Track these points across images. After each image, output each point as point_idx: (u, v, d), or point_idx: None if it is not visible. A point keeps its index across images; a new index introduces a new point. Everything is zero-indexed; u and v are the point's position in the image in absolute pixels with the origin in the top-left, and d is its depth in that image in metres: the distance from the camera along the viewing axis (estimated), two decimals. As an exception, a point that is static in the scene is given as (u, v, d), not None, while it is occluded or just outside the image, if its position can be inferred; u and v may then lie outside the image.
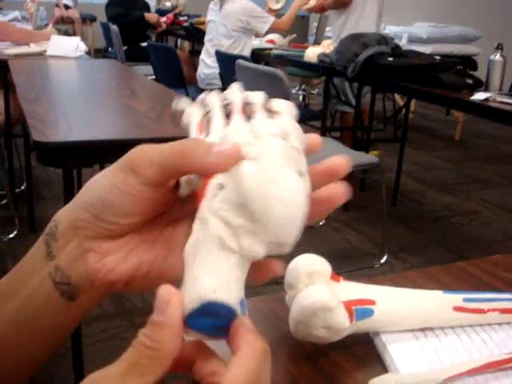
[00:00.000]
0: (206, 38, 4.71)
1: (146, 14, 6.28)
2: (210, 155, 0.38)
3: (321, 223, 3.38)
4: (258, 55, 4.65)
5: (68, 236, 0.42)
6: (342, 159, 0.41)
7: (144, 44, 5.81)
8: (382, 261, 3.05)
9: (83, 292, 0.43)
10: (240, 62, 3.16)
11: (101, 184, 0.41)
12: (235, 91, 0.44)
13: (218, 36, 4.54)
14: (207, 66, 4.63)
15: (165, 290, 0.35)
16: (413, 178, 4.54)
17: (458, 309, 0.69)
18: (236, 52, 4.41)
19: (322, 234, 3.24)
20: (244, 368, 0.34)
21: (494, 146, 5.85)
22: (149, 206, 0.41)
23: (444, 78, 3.02)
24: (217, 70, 4.42)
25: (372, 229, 3.45)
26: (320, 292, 0.61)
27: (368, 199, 3.92)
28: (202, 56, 4.72)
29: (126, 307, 2.45)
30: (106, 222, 0.41)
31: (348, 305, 0.63)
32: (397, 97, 5.68)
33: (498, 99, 2.78)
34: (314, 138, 0.42)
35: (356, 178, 3.94)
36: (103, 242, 0.42)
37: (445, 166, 5.03)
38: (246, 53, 4.51)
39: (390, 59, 3.30)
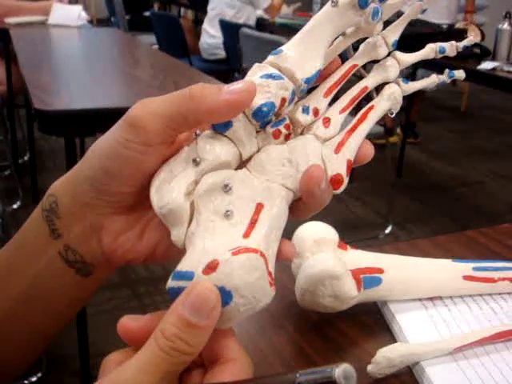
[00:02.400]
0: (209, 7, 4.64)
1: None
2: (223, 92, 0.36)
3: (325, 194, 3.36)
4: (262, 24, 4.59)
5: (73, 213, 0.40)
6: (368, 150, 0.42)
7: (147, 13, 5.74)
8: (387, 231, 3.04)
9: (99, 267, 0.42)
10: (244, 30, 3.12)
11: (99, 152, 0.39)
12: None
13: (222, 5, 4.47)
14: (210, 35, 4.56)
15: (206, 289, 0.32)
16: (418, 148, 4.51)
17: (467, 278, 0.68)
18: (240, 22, 4.35)
19: (327, 205, 3.20)
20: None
21: (499, 117, 5.80)
22: (152, 170, 0.39)
23: (451, 46, 2.97)
24: (220, 40, 4.36)
25: (377, 199, 3.43)
26: (327, 260, 0.60)
27: (372, 170, 3.90)
28: (205, 25, 4.65)
29: (129, 277, 2.44)
30: (111, 194, 0.39)
31: (356, 273, 0.61)
32: (402, 67, 5.62)
33: (506, 69, 2.74)
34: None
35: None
36: (114, 218, 0.40)
37: (450, 137, 4.99)
38: (251, 23, 4.45)
39: (397, 28, 3.25)
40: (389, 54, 0.45)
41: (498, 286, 0.69)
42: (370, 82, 0.44)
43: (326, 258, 0.60)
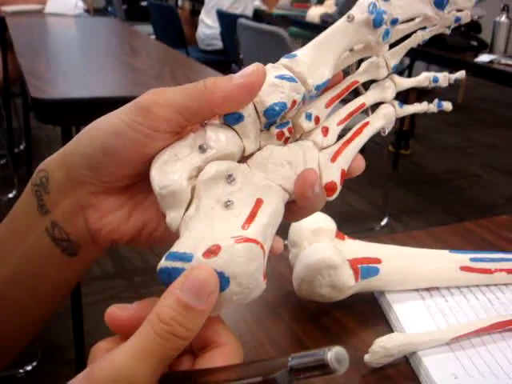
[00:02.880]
0: None
1: None
2: (235, 78, 0.37)
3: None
4: (259, 15, 4.58)
5: (63, 190, 0.40)
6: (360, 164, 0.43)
7: (144, 3, 5.71)
8: (383, 223, 3.05)
9: (84, 248, 0.42)
10: (241, 21, 3.11)
11: (101, 130, 0.39)
12: None
13: None
14: (207, 26, 4.54)
15: (207, 272, 0.32)
16: (414, 140, 4.51)
17: (464, 268, 0.68)
18: (237, 12, 4.33)
19: None
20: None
21: (496, 110, 5.80)
22: (152, 156, 0.39)
23: (448, 39, 2.98)
24: (217, 31, 4.34)
25: (372, 191, 3.43)
26: (325, 249, 0.60)
27: (369, 162, 3.89)
28: (202, 16, 4.62)
29: (125, 267, 2.44)
30: (106, 174, 0.39)
31: (353, 263, 0.61)
32: (399, 59, 5.61)
33: (503, 61, 2.74)
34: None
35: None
36: (104, 197, 0.40)
37: (447, 130, 4.99)
38: (248, 14, 4.43)
39: (394, 19, 3.24)
40: (387, 76, 0.47)
41: (495, 277, 0.69)
42: (367, 99, 0.46)
43: (324, 247, 0.60)
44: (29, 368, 1.84)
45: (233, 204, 0.37)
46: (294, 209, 0.40)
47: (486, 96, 6.21)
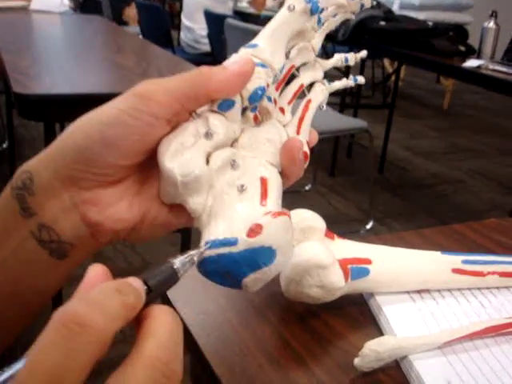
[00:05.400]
0: (185, 1, 4.55)
1: None
2: (229, 66, 0.40)
3: (306, 187, 3.35)
4: (247, 17, 4.56)
5: (51, 189, 0.38)
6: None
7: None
8: (368, 227, 3.04)
9: (77, 247, 0.39)
10: (229, 21, 3.09)
11: (99, 120, 0.37)
12: None
13: None
14: (188, 29, 4.44)
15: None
16: (400, 145, 4.51)
17: (456, 271, 0.66)
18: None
19: (308, 199, 3.21)
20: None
21: (481, 116, 5.83)
22: (151, 146, 0.38)
23: (436, 43, 2.98)
24: (199, 33, 4.29)
25: (358, 195, 3.42)
26: (314, 248, 0.57)
27: (354, 165, 3.90)
28: (183, 20, 4.53)
29: (108, 268, 2.40)
30: (103, 166, 0.37)
31: (343, 263, 0.59)
32: (386, 64, 5.63)
33: (491, 67, 2.74)
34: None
35: (343, 144, 3.90)
36: (100, 190, 0.38)
37: (432, 135, 5.00)
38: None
39: (382, 23, 3.24)
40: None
41: (487, 279, 0.68)
42: (304, 80, 0.50)
43: (313, 246, 0.58)
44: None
45: (246, 187, 0.40)
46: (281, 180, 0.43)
47: (472, 102, 6.24)
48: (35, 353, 0.26)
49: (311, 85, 0.51)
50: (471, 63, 2.78)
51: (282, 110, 0.47)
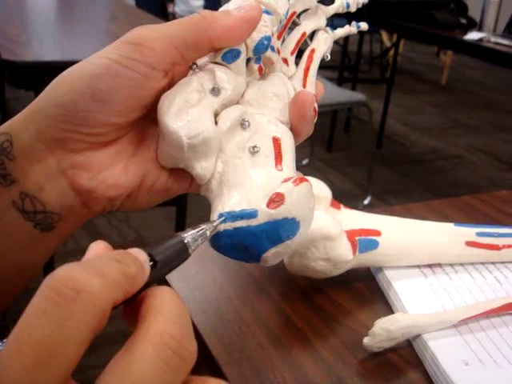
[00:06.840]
0: None
1: None
2: (234, 11, 0.36)
3: (304, 162, 3.31)
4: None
5: (33, 153, 0.33)
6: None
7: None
8: (366, 202, 2.99)
9: (65, 218, 0.35)
10: (226, -9, 3.01)
11: (87, 71, 0.33)
12: None
13: None
14: (183, 1, 4.38)
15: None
16: (398, 120, 4.46)
17: (470, 244, 0.62)
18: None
19: (305, 174, 3.08)
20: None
21: (480, 92, 5.77)
22: (146, 100, 0.34)
23: (437, 15, 2.91)
24: (193, 5, 4.21)
25: (355, 170, 3.38)
26: (320, 219, 0.53)
27: (352, 140, 3.85)
28: None
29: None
30: (94, 124, 0.33)
31: (351, 235, 0.55)
32: (384, 38, 5.55)
33: (493, 40, 2.68)
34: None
35: (340, 118, 3.85)
36: (91, 153, 0.34)
37: (431, 111, 4.95)
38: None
39: (383, -5, 3.18)
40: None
41: (503, 253, 0.63)
42: (307, 28, 0.46)
43: (319, 216, 0.53)
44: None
45: (259, 149, 0.36)
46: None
47: (471, 78, 6.18)
48: (22, 325, 0.21)
49: (313, 34, 0.47)
50: (473, 36, 2.72)
51: (285, 60, 0.43)
